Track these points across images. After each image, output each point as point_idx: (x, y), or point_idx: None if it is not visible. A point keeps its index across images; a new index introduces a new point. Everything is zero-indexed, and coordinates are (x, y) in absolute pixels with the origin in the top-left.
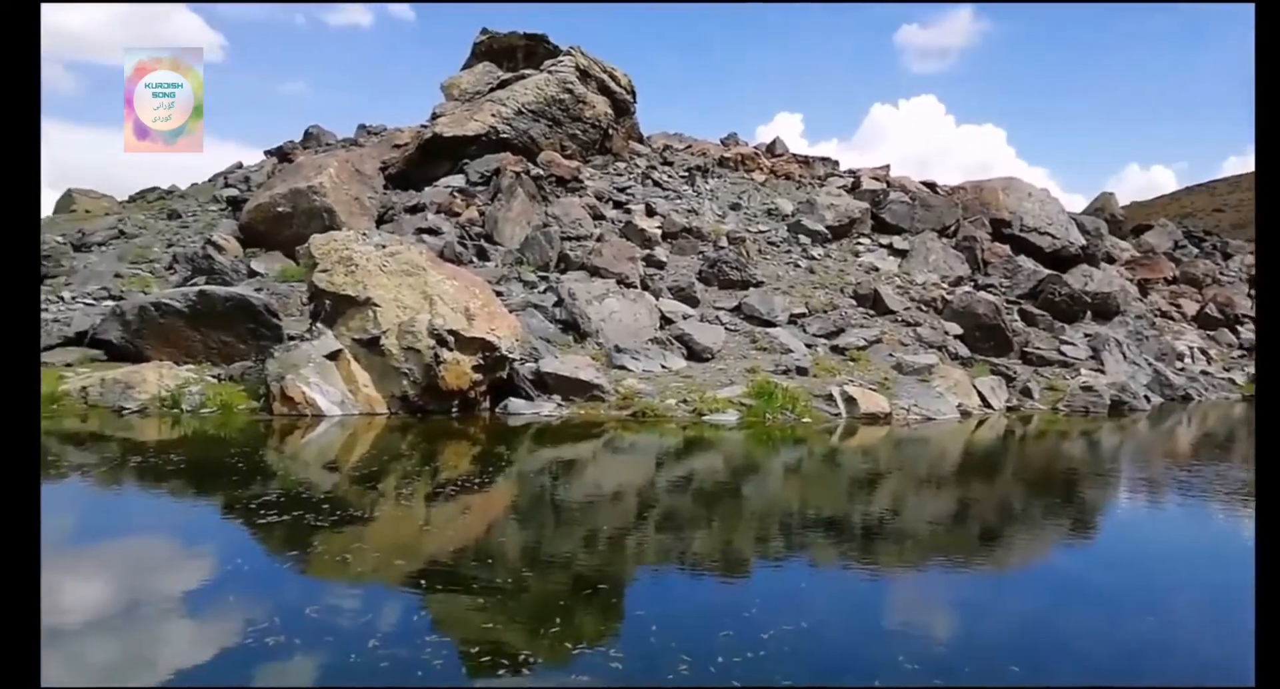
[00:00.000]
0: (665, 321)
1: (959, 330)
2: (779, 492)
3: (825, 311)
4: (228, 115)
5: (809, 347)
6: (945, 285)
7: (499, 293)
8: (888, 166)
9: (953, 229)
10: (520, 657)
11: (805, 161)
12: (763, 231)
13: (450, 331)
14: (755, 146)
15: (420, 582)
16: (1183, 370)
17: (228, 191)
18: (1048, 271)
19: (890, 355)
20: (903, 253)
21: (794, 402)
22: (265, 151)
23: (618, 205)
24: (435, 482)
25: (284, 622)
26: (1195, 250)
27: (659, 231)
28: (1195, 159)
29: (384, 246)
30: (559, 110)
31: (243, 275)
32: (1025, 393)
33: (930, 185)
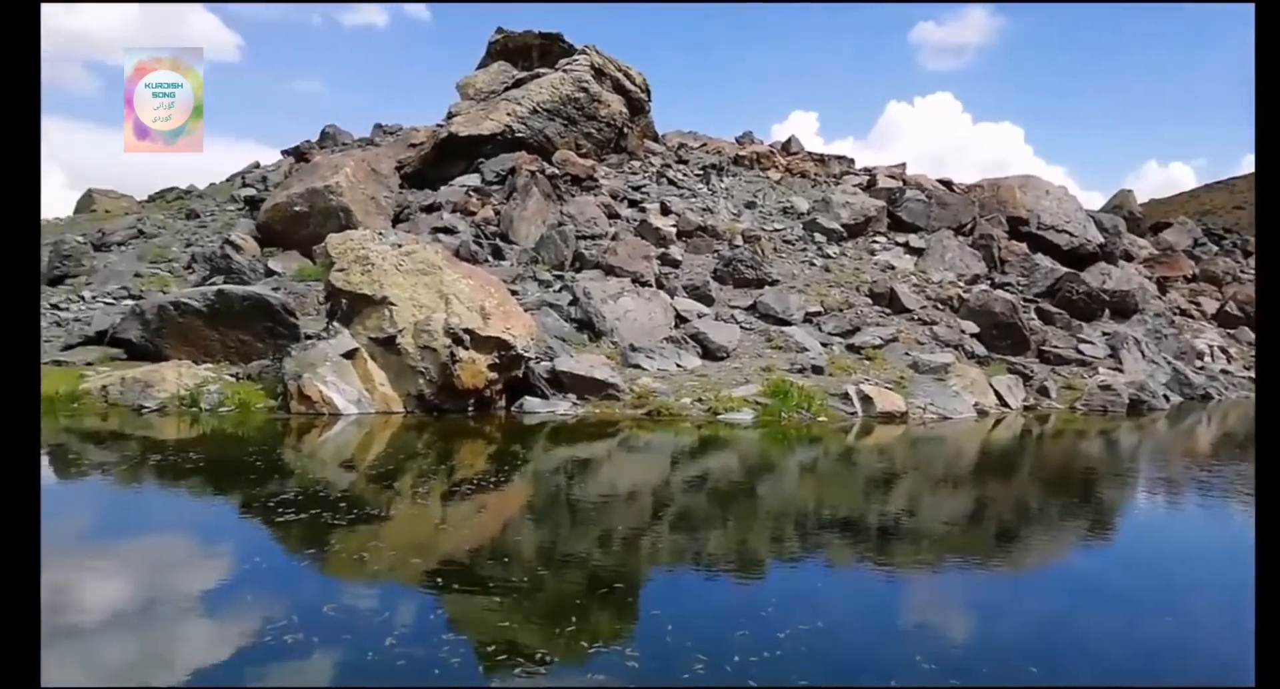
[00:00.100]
0: (680, 320)
1: (975, 329)
2: (794, 491)
3: (841, 310)
4: (245, 115)
5: (824, 345)
6: (962, 284)
7: (514, 292)
8: (904, 164)
9: (969, 227)
10: (536, 655)
11: (821, 159)
12: (778, 230)
13: (466, 330)
14: (770, 145)
15: (437, 580)
16: (1202, 369)
17: (245, 191)
18: (1065, 269)
19: (906, 354)
20: (919, 251)
21: (809, 400)
22: (282, 151)
23: (633, 204)
24: (451, 480)
25: (302, 620)
26: (1215, 248)
27: (674, 230)
28: (1214, 156)
29: (400, 246)
30: (574, 109)
31: (260, 275)
32: (1042, 392)
33: (947, 183)
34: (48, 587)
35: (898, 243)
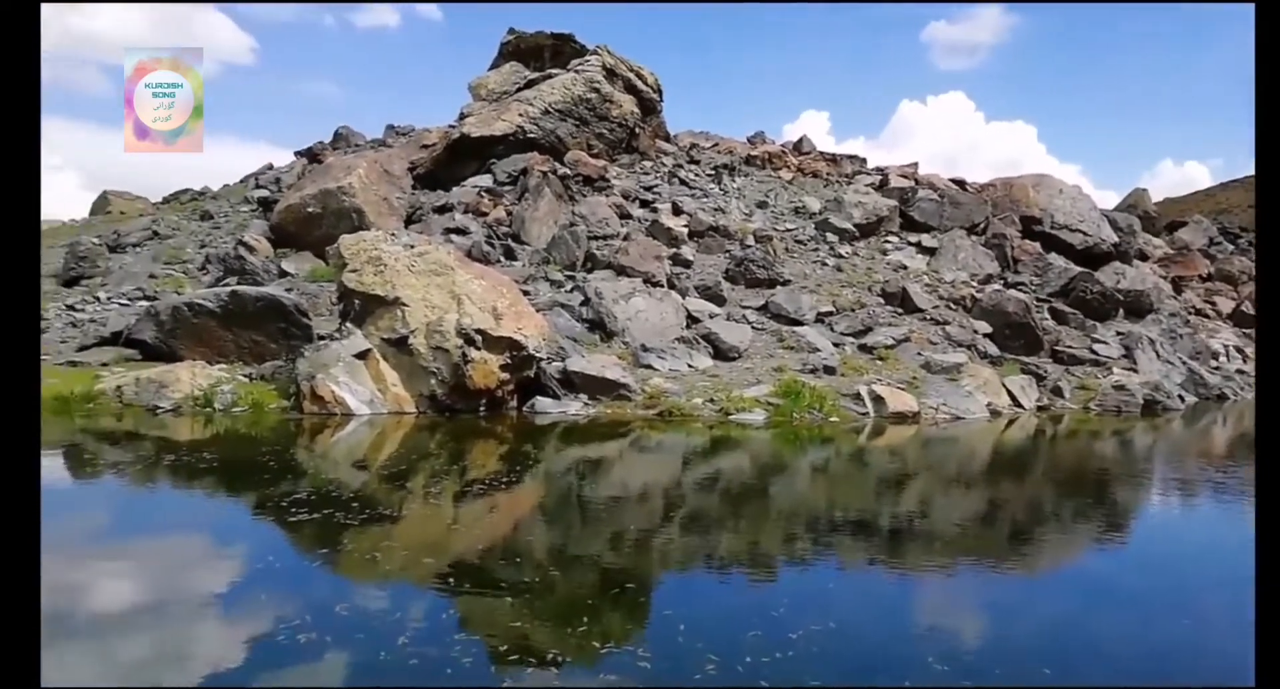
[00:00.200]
0: (692, 320)
1: (988, 329)
2: (806, 491)
3: (853, 310)
4: (258, 116)
5: (836, 345)
6: (974, 283)
7: (526, 292)
8: (916, 164)
9: (982, 227)
10: (548, 655)
11: (832, 159)
12: (790, 230)
13: (478, 331)
14: (782, 144)
15: (449, 580)
16: (1218, 369)
17: (259, 192)
18: (1079, 269)
19: (919, 354)
20: (931, 251)
21: (821, 401)
22: (295, 152)
23: (644, 204)
24: (463, 480)
25: (315, 619)
26: (1231, 247)
27: (685, 230)
28: (1230, 155)
29: (412, 246)
30: (586, 109)
31: (273, 275)
32: (1056, 392)
33: (959, 182)
34: (63, 585)
35: (910, 242)
